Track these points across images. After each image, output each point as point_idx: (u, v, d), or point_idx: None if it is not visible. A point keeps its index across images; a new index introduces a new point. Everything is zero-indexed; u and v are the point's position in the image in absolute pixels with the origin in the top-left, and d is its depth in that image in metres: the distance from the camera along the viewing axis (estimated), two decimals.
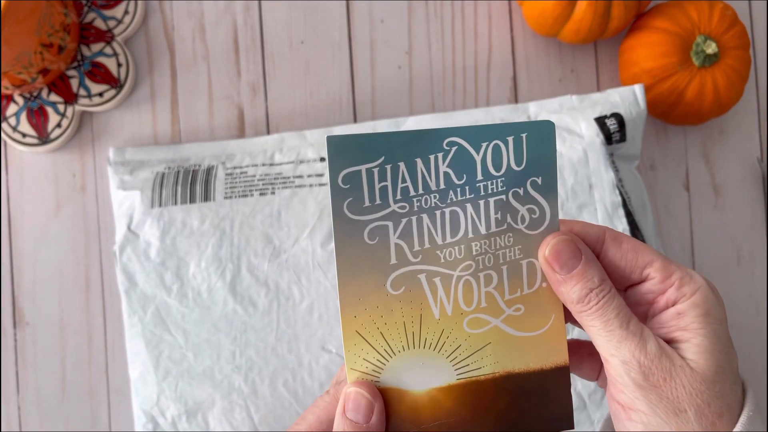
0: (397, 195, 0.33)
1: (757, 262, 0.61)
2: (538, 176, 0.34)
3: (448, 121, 0.56)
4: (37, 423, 0.58)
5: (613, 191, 0.53)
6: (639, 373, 0.31)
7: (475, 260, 0.34)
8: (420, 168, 0.33)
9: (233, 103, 0.60)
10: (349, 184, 0.33)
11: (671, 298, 0.33)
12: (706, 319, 0.32)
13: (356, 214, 0.33)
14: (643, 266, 0.33)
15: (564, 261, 0.33)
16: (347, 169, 0.33)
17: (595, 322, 0.33)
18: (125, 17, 0.59)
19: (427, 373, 0.35)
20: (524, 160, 0.33)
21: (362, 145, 0.33)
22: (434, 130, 0.33)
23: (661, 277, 0.33)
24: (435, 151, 0.33)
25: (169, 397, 0.53)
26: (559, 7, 0.56)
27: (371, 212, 0.34)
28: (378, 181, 0.33)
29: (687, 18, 0.56)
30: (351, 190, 0.33)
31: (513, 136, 0.33)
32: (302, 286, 0.52)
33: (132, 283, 0.53)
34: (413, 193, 0.33)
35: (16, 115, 0.59)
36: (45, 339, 0.59)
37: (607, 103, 0.56)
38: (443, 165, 0.33)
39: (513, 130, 0.33)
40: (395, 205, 0.34)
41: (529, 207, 0.34)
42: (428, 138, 0.33)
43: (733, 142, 0.62)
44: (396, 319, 0.34)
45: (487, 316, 0.35)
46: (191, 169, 0.55)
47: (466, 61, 0.61)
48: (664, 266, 0.33)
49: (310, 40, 0.61)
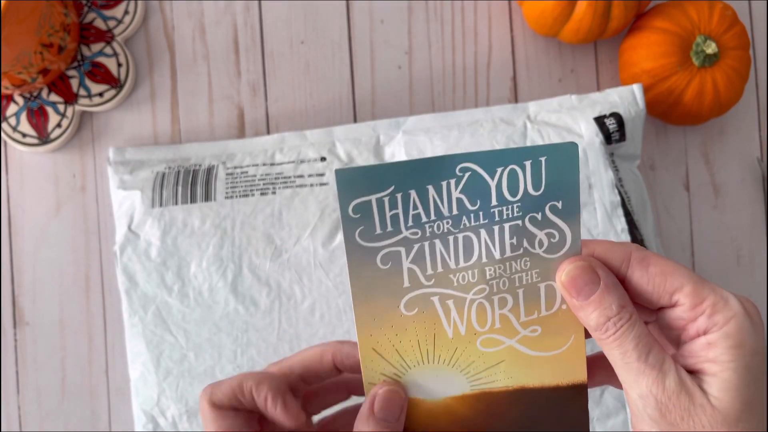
0: (408, 222, 0.33)
1: (757, 262, 0.62)
2: (558, 200, 0.32)
3: (448, 121, 0.56)
4: (37, 423, 0.58)
5: (613, 191, 0.53)
6: (655, 410, 0.30)
7: (488, 284, 0.34)
8: (432, 195, 0.32)
9: (233, 103, 0.60)
10: (360, 214, 0.33)
11: (702, 326, 0.31)
12: (737, 352, 0.30)
13: (368, 242, 0.33)
14: (672, 291, 0.31)
15: (581, 287, 0.32)
16: (357, 199, 0.32)
17: (614, 351, 0.31)
18: (125, 17, 0.59)
19: (442, 384, 0.36)
20: (543, 184, 0.32)
21: (371, 176, 0.32)
22: (447, 156, 0.32)
23: (691, 304, 0.31)
24: (447, 177, 0.32)
25: (169, 397, 0.53)
26: (559, 7, 0.56)
27: (383, 239, 0.33)
28: (389, 210, 0.33)
29: (687, 18, 0.56)
30: (362, 219, 0.33)
31: (531, 161, 0.32)
32: (304, 286, 0.52)
33: (132, 283, 0.53)
34: (425, 219, 0.33)
35: (16, 115, 0.59)
36: (45, 339, 0.59)
37: (606, 102, 0.56)
38: (456, 191, 0.32)
39: (532, 154, 0.32)
40: (407, 232, 0.33)
41: (548, 231, 0.33)
42: (440, 164, 0.32)
43: (733, 142, 0.62)
44: (410, 337, 0.35)
45: (501, 337, 0.35)
46: (192, 169, 0.55)
47: (466, 61, 0.61)
48: (695, 291, 0.31)
49: (310, 40, 0.61)
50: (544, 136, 0.54)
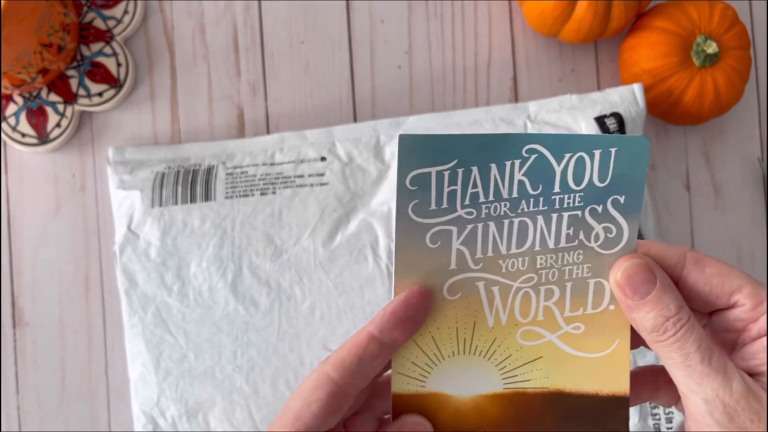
0: (465, 200, 0.32)
1: (758, 262, 0.61)
2: (621, 195, 0.31)
3: (448, 121, 0.56)
4: (37, 423, 0.58)
5: None
6: (723, 414, 0.29)
7: (537, 273, 0.33)
8: (494, 174, 0.31)
9: (233, 102, 0.60)
10: (417, 186, 0.32)
11: (764, 327, 0.30)
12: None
13: (420, 217, 0.32)
14: (730, 292, 0.31)
15: (637, 286, 0.31)
16: (417, 170, 0.31)
17: (674, 354, 0.30)
18: (125, 17, 0.59)
19: (474, 380, 0.34)
20: (609, 176, 0.31)
21: (436, 146, 0.31)
22: (515, 135, 0.31)
23: (752, 305, 0.31)
24: (512, 157, 0.31)
25: (169, 397, 0.53)
26: (560, 7, 0.56)
27: (436, 216, 0.32)
28: (447, 185, 0.32)
29: (687, 18, 0.56)
30: (418, 192, 0.32)
31: (601, 150, 0.31)
32: (304, 286, 0.52)
33: (132, 283, 0.53)
34: (483, 199, 0.32)
35: (15, 114, 0.59)
36: (45, 339, 0.59)
37: (607, 102, 0.56)
38: (519, 173, 0.31)
39: (602, 143, 0.31)
40: (462, 211, 0.32)
41: (606, 225, 0.32)
42: (507, 143, 0.31)
43: (733, 142, 0.62)
44: (449, 324, 0.34)
45: (542, 330, 0.34)
46: (191, 169, 0.55)
47: (467, 60, 0.61)
48: (755, 292, 0.31)
49: (310, 40, 0.61)
50: None
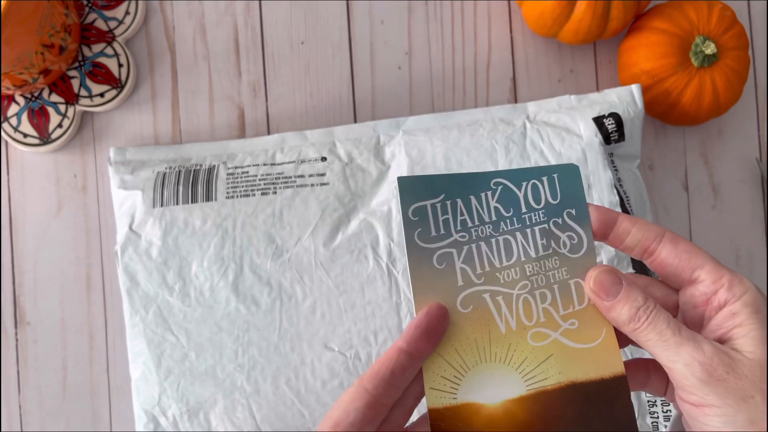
0: (457, 226, 0.38)
1: (756, 262, 0.62)
2: (572, 208, 0.38)
3: (448, 121, 0.57)
4: (38, 422, 0.59)
5: (611, 191, 0.53)
6: (702, 371, 0.34)
7: (529, 280, 0.38)
8: (474, 203, 0.38)
9: (234, 103, 0.61)
10: (418, 217, 0.38)
11: (722, 298, 0.35)
12: (757, 316, 0.35)
13: (425, 243, 0.38)
14: (694, 267, 0.36)
15: (608, 288, 0.36)
16: (415, 204, 0.38)
17: (650, 335, 0.35)
18: (126, 18, 0.59)
19: (500, 386, 0.38)
20: (558, 195, 0.38)
21: (426, 184, 0.38)
22: (482, 173, 0.38)
23: (711, 279, 0.36)
24: (485, 189, 0.38)
25: (170, 396, 0.53)
26: (559, 7, 0.56)
27: (438, 241, 0.38)
28: (441, 214, 0.38)
29: (686, 18, 0.56)
30: (420, 221, 0.38)
31: (547, 176, 0.38)
32: (305, 285, 0.53)
33: (134, 282, 0.53)
34: (470, 224, 0.38)
35: (17, 115, 0.59)
36: (46, 339, 0.59)
37: (605, 103, 0.56)
38: (493, 201, 0.38)
39: (546, 172, 0.39)
40: (456, 235, 0.38)
41: (569, 234, 0.38)
42: (478, 179, 0.38)
43: (732, 142, 0.62)
44: (468, 335, 0.37)
45: (547, 330, 0.38)
46: (192, 169, 0.55)
47: (466, 61, 0.61)
48: (715, 269, 0.36)
49: (311, 41, 0.61)
50: (543, 136, 0.54)
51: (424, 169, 0.54)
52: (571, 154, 0.53)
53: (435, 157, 0.54)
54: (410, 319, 0.51)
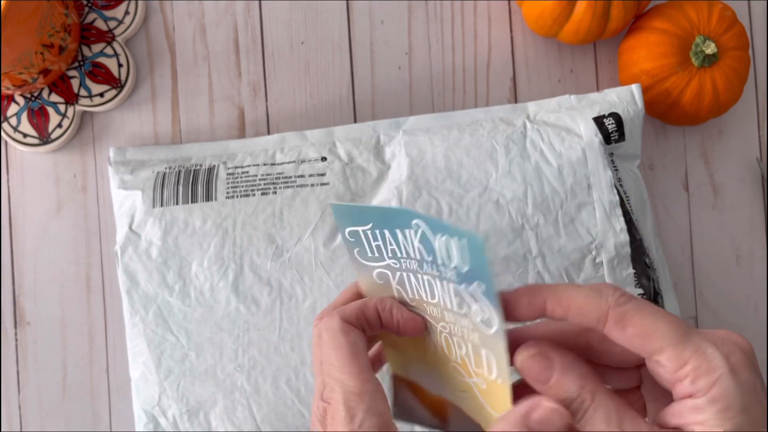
0: (388, 253, 0.37)
1: (756, 262, 0.62)
2: (482, 282, 0.32)
3: (448, 121, 0.57)
4: (38, 423, 0.59)
5: (611, 190, 0.53)
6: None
7: (448, 324, 0.36)
8: (400, 237, 0.35)
9: (234, 103, 0.60)
10: (354, 239, 0.38)
11: (686, 390, 0.30)
12: (725, 414, 0.29)
13: (364, 260, 0.39)
14: (651, 353, 0.31)
15: (537, 374, 0.32)
16: (349, 227, 0.38)
17: (586, 429, 0.31)
18: (126, 18, 0.59)
19: (435, 384, 0.40)
20: (468, 263, 0.32)
21: (355, 212, 0.37)
22: (404, 210, 0.35)
23: (672, 368, 0.30)
24: (407, 226, 0.35)
25: (170, 396, 0.53)
26: (559, 7, 0.56)
27: (375, 261, 0.38)
28: (372, 240, 0.37)
29: (686, 18, 0.56)
30: (356, 243, 0.38)
31: (457, 238, 0.32)
32: (305, 285, 0.53)
33: (134, 282, 0.53)
34: (399, 254, 0.36)
35: (17, 115, 0.59)
36: (46, 339, 0.59)
37: (605, 102, 0.56)
38: (416, 240, 0.35)
39: (455, 233, 0.32)
40: (390, 260, 0.37)
41: (480, 305, 0.33)
42: (399, 215, 0.35)
43: (732, 142, 0.62)
44: (407, 340, 0.39)
45: (462, 371, 0.36)
46: (192, 169, 0.55)
47: (466, 61, 0.61)
48: (675, 355, 0.30)
49: (311, 41, 0.61)
50: (544, 135, 0.54)
51: (425, 169, 0.54)
52: (571, 154, 0.53)
53: (435, 157, 0.54)
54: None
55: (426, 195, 0.53)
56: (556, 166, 0.53)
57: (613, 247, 0.52)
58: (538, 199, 0.53)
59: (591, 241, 0.53)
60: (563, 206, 0.53)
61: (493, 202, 0.53)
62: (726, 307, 0.61)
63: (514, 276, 0.52)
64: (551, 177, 0.53)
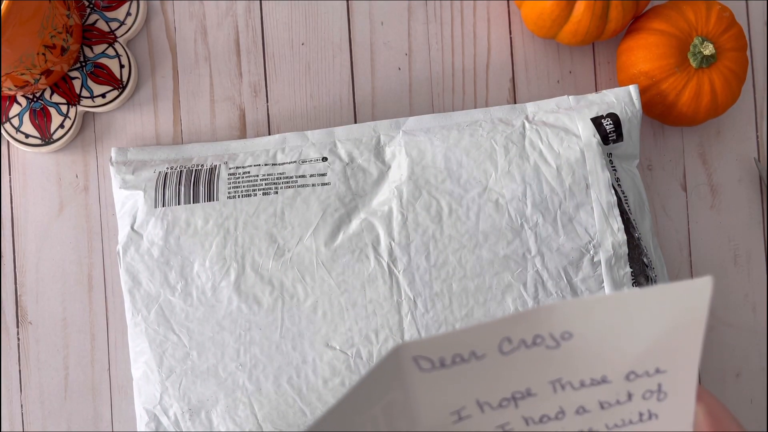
0: None
1: (754, 262, 0.62)
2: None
3: (448, 121, 0.57)
4: (40, 422, 0.59)
5: (609, 191, 0.53)
6: None
7: None
8: None
9: (235, 104, 0.61)
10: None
11: None
12: None
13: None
14: None
15: None
16: None
17: None
18: (127, 19, 0.60)
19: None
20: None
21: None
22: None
23: None
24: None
25: (172, 395, 0.53)
26: (558, 8, 0.56)
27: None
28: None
29: (684, 20, 0.57)
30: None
31: None
32: (306, 284, 0.53)
33: (135, 282, 0.53)
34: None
35: (19, 115, 0.59)
36: (48, 338, 0.59)
37: (603, 103, 0.56)
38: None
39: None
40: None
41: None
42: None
43: (730, 142, 0.63)
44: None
45: None
46: (194, 169, 0.56)
47: (465, 62, 0.62)
48: None
49: (311, 42, 0.61)
50: (542, 136, 0.54)
51: (425, 169, 0.54)
52: (570, 154, 0.54)
53: (435, 157, 0.54)
54: (410, 318, 0.52)
55: (426, 195, 0.53)
56: (554, 166, 0.53)
57: (610, 247, 0.53)
58: (537, 198, 0.53)
59: (589, 241, 0.53)
60: (562, 206, 0.53)
61: (492, 201, 0.53)
62: (724, 306, 0.62)
63: (513, 275, 0.52)
64: (550, 177, 0.53)
